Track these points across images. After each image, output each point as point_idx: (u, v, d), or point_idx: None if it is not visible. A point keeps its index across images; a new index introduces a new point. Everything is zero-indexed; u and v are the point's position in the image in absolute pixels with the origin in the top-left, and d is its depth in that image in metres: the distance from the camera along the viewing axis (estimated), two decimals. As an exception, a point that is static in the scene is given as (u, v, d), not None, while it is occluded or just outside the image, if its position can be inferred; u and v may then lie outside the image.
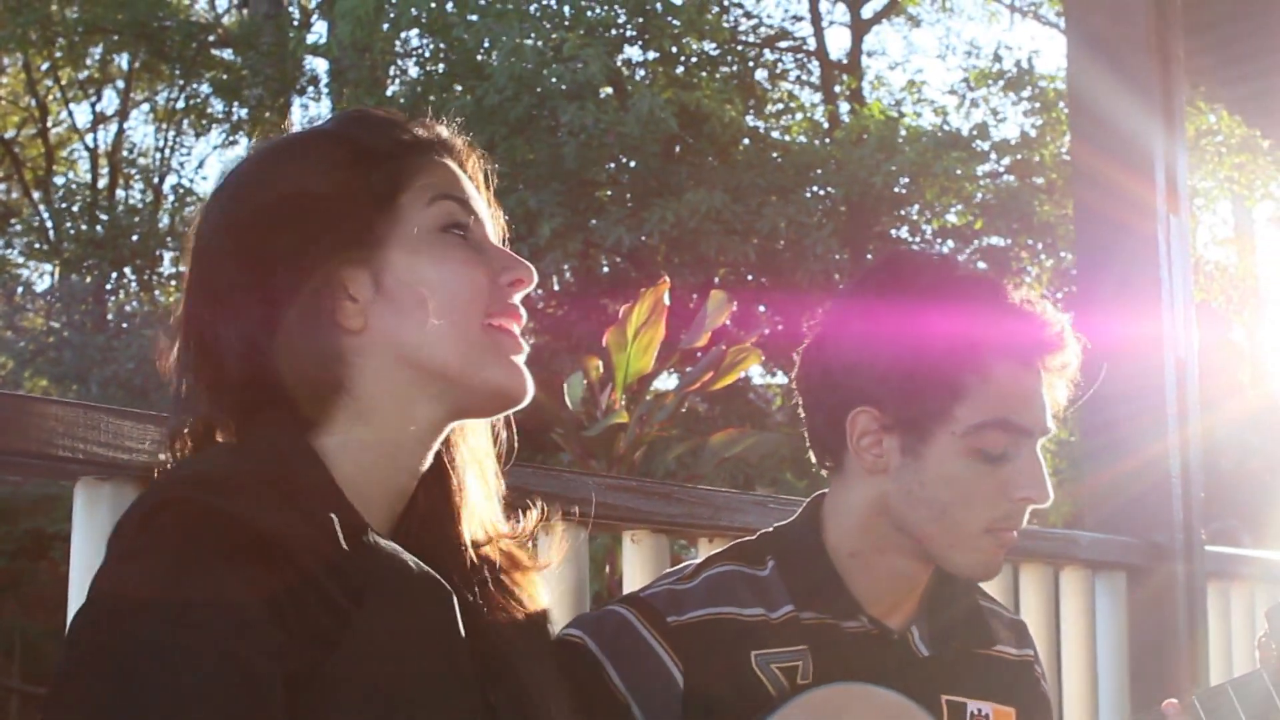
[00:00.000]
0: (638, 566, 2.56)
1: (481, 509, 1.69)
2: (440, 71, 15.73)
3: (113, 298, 18.56)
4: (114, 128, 22.19)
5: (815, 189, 15.14)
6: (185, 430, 1.57)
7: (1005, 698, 2.14)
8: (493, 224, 1.66)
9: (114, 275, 18.74)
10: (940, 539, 2.01)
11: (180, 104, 21.01)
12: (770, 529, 2.15)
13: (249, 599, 1.33)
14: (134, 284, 19.19)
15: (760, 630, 2.00)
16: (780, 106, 18.21)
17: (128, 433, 1.84)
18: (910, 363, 1.98)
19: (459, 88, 15.01)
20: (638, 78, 15.74)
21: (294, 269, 1.51)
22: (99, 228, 18.67)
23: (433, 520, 1.64)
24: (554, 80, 13.91)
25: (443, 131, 1.65)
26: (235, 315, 1.51)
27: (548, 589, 2.39)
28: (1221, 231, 19.04)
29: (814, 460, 2.14)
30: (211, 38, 20.04)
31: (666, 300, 5.05)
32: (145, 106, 22.51)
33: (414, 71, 16.89)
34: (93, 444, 1.80)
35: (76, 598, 1.82)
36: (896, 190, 15.15)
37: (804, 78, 19.19)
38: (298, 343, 1.49)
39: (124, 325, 16.88)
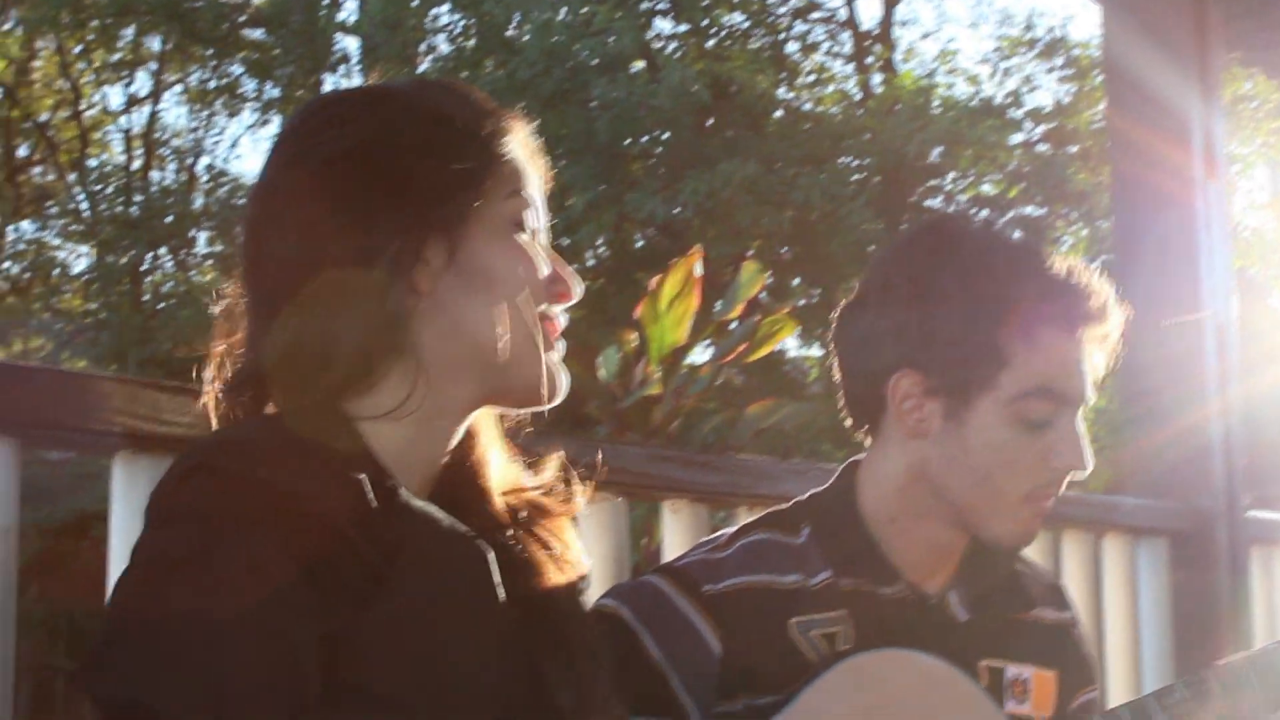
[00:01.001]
0: (677, 536, 2.55)
1: (502, 468, 1.69)
2: (471, 47, 15.72)
3: (149, 278, 18.68)
4: (147, 110, 22.26)
5: (848, 159, 15.08)
6: (236, 399, 1.56)
7: (1046, 661, 2.12)
8: (545, 228, 1.66)
9: (150, 256, 18.84)
10: (980, 506, 1.99)
11: (212, 85, 21.06)
12: (804, 496, 2.13)
13: (281, 562, 1.33)
14: (169, 264, 19.29)
15: (799, 597, 1.99)
16: (812, 78, 18.13)
17: (165, 405, 1.84)
18: (959, 327, 1.96)
19: (490, 63, 15.00)
20: (668, 51, 15.68)
21: (390, 218, 1.50)
22: (134, 209, 18.75)
23: (463, 484, 1.64)
24: (585, 54, 13.89)
25: (521, 125, 1.64)
26: (313, 255, 1.50)
27: (585, 554, 2.41)
28: (1259, 197, 18.88)
29: (849, 425, 2.12)
30: (242, 18, 20.06)
31: (699, 271, 5.04)
32: (178, 88, 22.56)
33: (445, 48, 16.89)
34: (130, 417, 1.81)
35: (117, 571, 1.82)
36: (930, 160, 15.08)
37: (835, 49, 19.10)
38: (372, 294, 1.48)
39: (160, 306, 16.98)
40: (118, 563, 1.84)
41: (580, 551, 1.73)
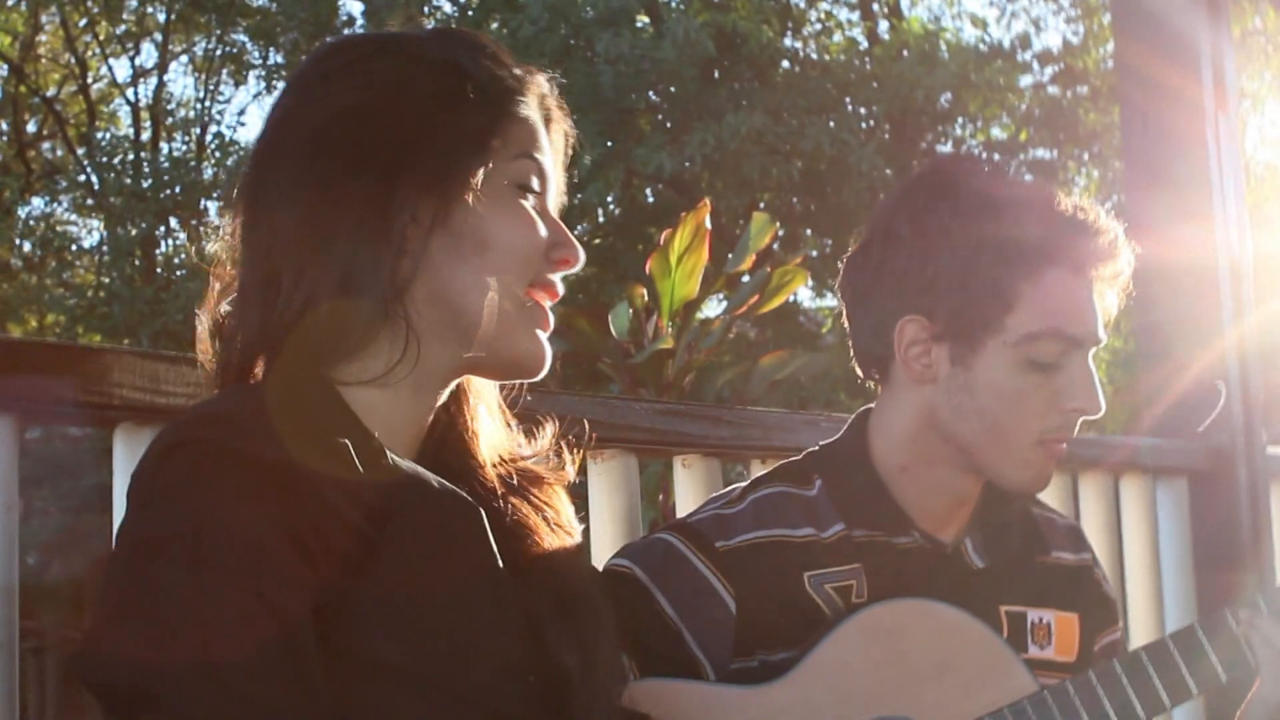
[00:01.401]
0: (690, 491, 2.53)
1: (495, 436, 1.67)
2: (475, 5, 15.65)
3: (160, 251, 18.67)
4: (154, 81, 22.22)
5: (856, 107, 15.00)
6: (232, 366, 1.53)
7: (1066, 604, 2.10)
8: (559, 193, 1.62)
9: (162, 228, 18.83)
10: (990, 451, 1.97)
11: (218, 53, 21.00)
12: (816, 447, 2.11)
13: (269, 533, 1.31)
14: (181, 236, 19.27)
15: (812, 550, 1.97)
16: (819, 27, 18.03)
17: (164, 376, 1.82)
18: (962, 270, 1.93)
19: (495, 23, 14.93)
20: (673, 4, 15.60)
21: (380, 178, 1.47)
22: (144, 181, 18.74)
23: (451, 446, 1.63)
24: (589, 9, 13.82)
25: (543, 85, 1.60)
26: (310, 221, 1.47)
27: (598, 517, 2.39)
28: (1271, 133, 18.75)
29: (860, 374, 2.09)
30: (244, -16, 19.99)
31: (708, 224, 5.01)
32: (184, 58, 22.51)
33: (448, 8, 16.82)
34: (130, 389, 1.79)
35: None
36: (938, 105, 15.00)
37: (841, -2, 18.98)
38: (362, 254, 1.45)
39: (171, 277, 16.98)
40: (122, 536, 1.82)
41: (573, 518, 1.71)
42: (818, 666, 1.88)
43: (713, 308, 6.40)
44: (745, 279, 5.45)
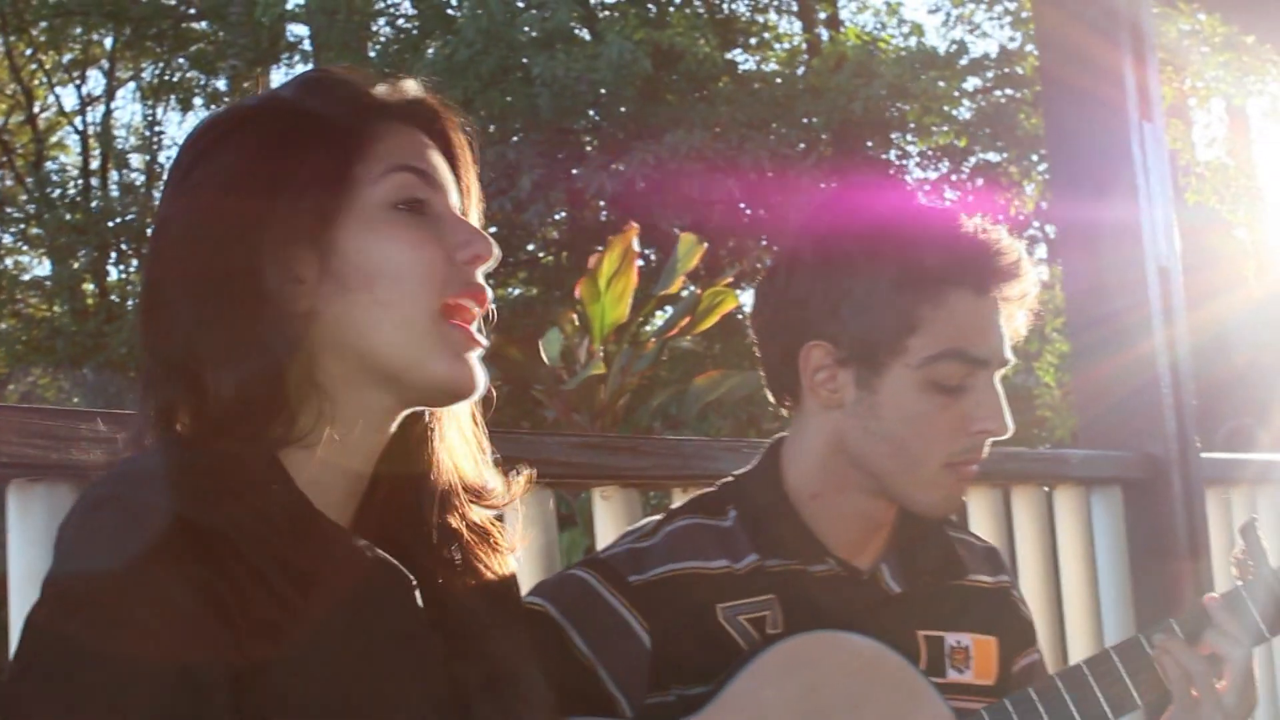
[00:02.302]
0: (610, 522, 2.51)
1: (464, 466, 1.61)
2: (413, 29, 15.61)
3: (112, 279, 18.54)
4: (102, 109, 22.09)
5: (797, 119, 15.04)
6: (153, 422, 1.49)
7: (985, 627, 2.09)
8: (468, 193, 1.57)
9: (113, 254, 18.70)
10: (898, 475, 1.95)
11: (166, 79, 20.91)
12: (730, 478, 2.09)
13: (189, 596, 1.28)
14: (134, 262, 19.11)
15: (725, 582, 1.95)
16: (757, 40, 18.07)
17: (56, 432, 1.78)
18: (864, 294, 1.92)
19: (432, 47, 14.90)
20: (609, 21, 15.61)
21: (241, 253, 1.42)
22: (93, 206, 18.63)
23: (396, 501, 1.57)
24: (529, 30, 13.80)
25: (411, 91, 1.55)
26: (189, 308, 1.42)
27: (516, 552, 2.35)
28: (1218, 131, 18.89)
29: (772, 399, 2.08)
30: (193, 10, 19.88)
31: (636, 247, 4.99)
32: (131, 85, 22.39)
33: (387, 31, 16.78)
34: (21, 445, 1.75)
35: (17, 602, 1.78)
36: (880, 115, 15.06)
37: (784, 6, 19.03)
38: (246, 328, 1.41)
39: (120, 307, 16.84)
40: (18, 595, 1.80)
41: (514, 583, 1.67)
42: (732, 702, 1.86)
43: (654, 328, 6.39)
44: (685, 293, 5.44)
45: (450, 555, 1.58)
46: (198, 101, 20.07)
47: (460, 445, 1.62)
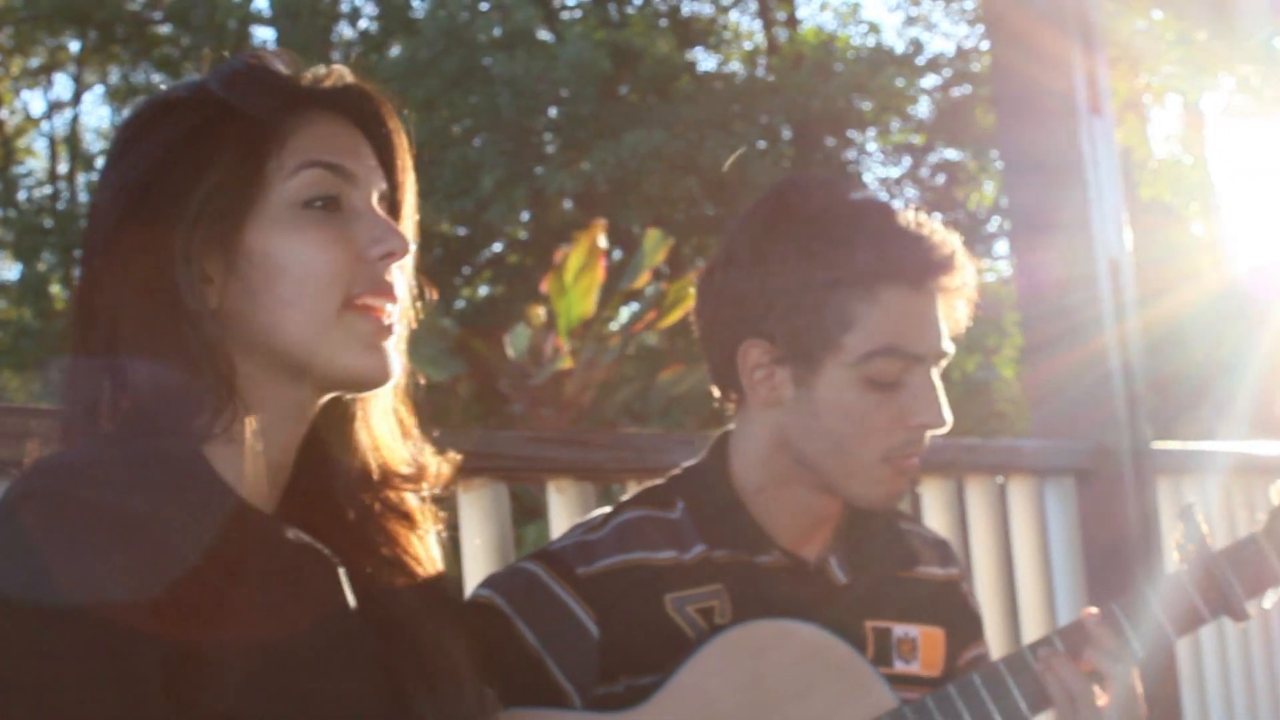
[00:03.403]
0: (563, 515, 2.52)
1: (389, 449, 1.63)
2: (376, 30, 15.60)
3: (72, 284, 18.43)
4: (70, 113, 22.00)
5: (756, 118, 15.07)
6: (78, 420, 1.51)
7: (932, 619, 2.11)
8: (401, 184, 1.57)
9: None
10: (838, 470, 1.97)
11: (132, 82, 20.82)
12: (679, 470, 2.11)
13: (118, 587, 1.30)
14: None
15: (673, 573, 1.97)
16: (716, 39, 18.10)
17: (7, 429, 1.79)
18: (798, 292, 1.93)
19: (395, 49, 14.87)
20: (570, 22, 15.61)
21: (155, 251, 1.44)
22: (59, 207, 18.55)
23: (317, 489, 1.59)
24: (489, 30, 13.79)
25: (333, 80, 1.55)
26: (109, 300, 1.45)
27: (470, 545, 2.38)
28: (1173, 128, 18.99)
29: (716, 394, 2.10)
30: (159, 14, 19.80)
31: (602, 243, 5.01)
32: (99, 89, 22.29)
33: (349, 33, 16.74)
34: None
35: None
36: (837, 112, 15.09)
37: (743, 6, 19.06)
38: (160, 324, 1.43)
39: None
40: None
41: (436, 561, 1.68)
42: (680, 691, 1.88)
43: (620, 323, 6.40)
44: (649, 290, 5.47)
45: (371, 539, 1.60)
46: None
47: (384, 428, 1.63)
